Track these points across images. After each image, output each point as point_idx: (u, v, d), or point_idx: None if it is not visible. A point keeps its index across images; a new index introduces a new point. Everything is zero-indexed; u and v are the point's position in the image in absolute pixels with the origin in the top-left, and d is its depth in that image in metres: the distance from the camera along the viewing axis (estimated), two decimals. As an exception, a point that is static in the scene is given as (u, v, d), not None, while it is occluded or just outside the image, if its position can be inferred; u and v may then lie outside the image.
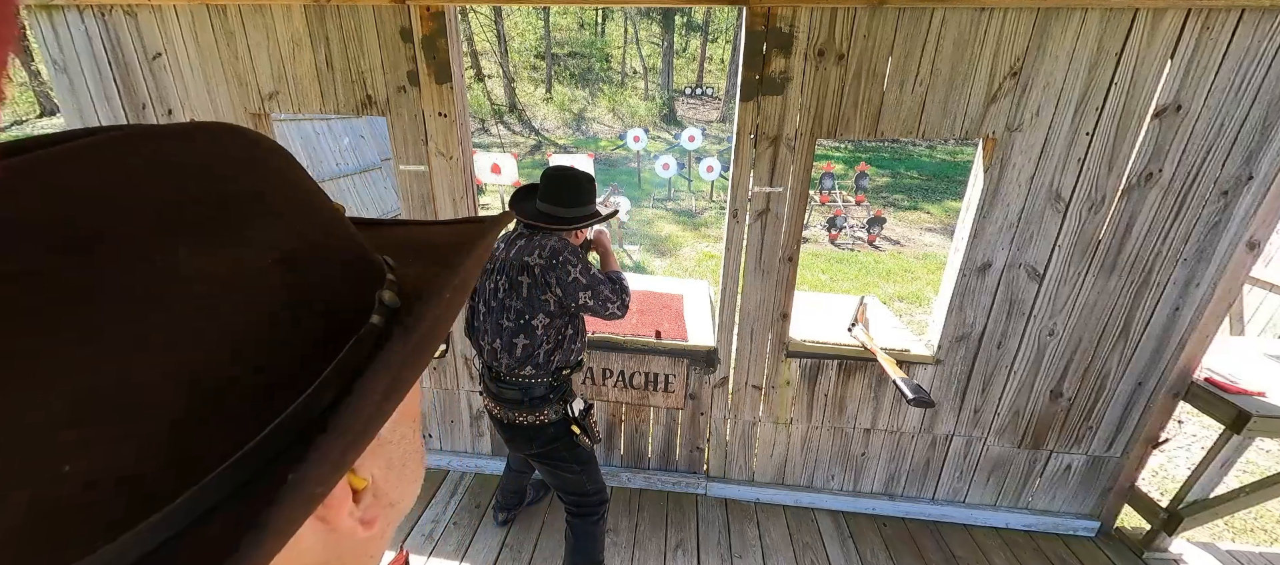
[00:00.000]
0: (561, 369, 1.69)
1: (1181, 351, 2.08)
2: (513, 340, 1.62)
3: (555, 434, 1.72)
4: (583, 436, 1.74)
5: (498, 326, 1.63)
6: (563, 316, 1.64)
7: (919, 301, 6.13)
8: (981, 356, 2.18)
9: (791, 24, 1.77)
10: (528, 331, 1.61)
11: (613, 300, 1.64)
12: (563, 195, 1.67)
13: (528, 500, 2.47)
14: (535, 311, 1.59)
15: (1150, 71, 1.70)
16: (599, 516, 1.88)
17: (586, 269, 1.61)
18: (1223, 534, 2.83)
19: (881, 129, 1.87)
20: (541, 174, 1.71)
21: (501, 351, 1.64)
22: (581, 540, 1.88)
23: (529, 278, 1.58)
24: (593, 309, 1.63)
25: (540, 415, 1.69)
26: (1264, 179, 1.77)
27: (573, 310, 1.65)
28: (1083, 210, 1.90)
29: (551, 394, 1.70)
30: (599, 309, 1.63)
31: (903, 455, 2.45)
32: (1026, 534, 2.48)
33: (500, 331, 1.63)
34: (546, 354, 1.64)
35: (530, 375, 1.65)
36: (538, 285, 1.58)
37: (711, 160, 8.95)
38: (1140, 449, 2.29)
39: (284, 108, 2.07)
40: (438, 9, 1.88)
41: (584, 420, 1.76)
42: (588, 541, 1.88)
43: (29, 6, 2.00)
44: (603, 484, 1.87)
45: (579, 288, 1.59)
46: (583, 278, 1.59)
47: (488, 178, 7.24)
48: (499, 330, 1.63)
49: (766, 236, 2.08)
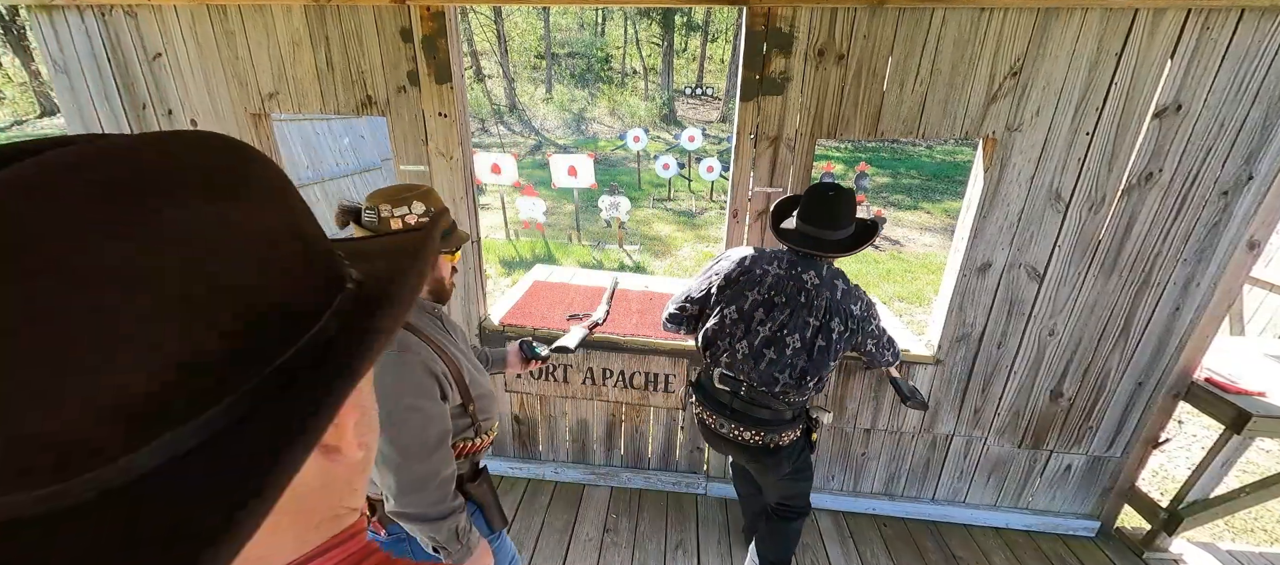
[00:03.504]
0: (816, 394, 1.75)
1: (1181, 351, 2.08)
2: (804, 376, 1.61)
3: (801, 448, 1.79)
4: (814, 440, 1.84)
5: (785, 360, 1.60)
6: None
7: (919, 301, 6.13)
8: (981, 356, 2.18)
9: (791, 24, 1.77)
10: (821, 370, 1.61)
11: (889, 349, 1.75)
12: (834, 216, 1.60)
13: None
14: (837, 354, 1.61)
15: (1150, 71, 1.70)
16: (804, 517, 1.97)
17: (881, 323, 1.68)
18: (1223, 534, 2.83)
19: (881, 129, 1.87)
20: (806, 194, 1.64)
21: (789, 383, 1.62)
22: (788, 538, 1.98)
23: (842, 325, 1.59)
24: (872, 355, 1.71)
25: (793, 431, 1.72)
26: (1264, 179, 1.77)
27: (857, 351, 1.70)
28: (1083, 210, 1.90)
29: (800, 416, 1.75)
30: (878, 357, 1.72)
31: (903, 455, 2.45)
32: (1026, 534, 2.48)
33: (786, 365, 1.60)
34: (818, 386, 1.67)
35: (799, 401, 1.69)
36: (849, 333, 1.60)
37: (711, 160, 8.96)
38: (1140, 449, 2.29)
39: (284, 108, 2.07)
40: (438, 9, 1.88)
41: (816, 423, 1.84)
42: (792, 539, 1.99)
43: (29, 6, 2.00)
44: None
45: (871, 337, 1.66)
46: (877, 331, 1.67)
47: (488, 178, 7.24)
48: (785, 363, 1.60)
49: (767, 236, 2.08)
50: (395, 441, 1.06)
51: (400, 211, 1.09)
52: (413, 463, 1.07)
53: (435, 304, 1.25)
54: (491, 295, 5.60)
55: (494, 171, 7.19)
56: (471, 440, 1.28)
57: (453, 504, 1.13)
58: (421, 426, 1.08)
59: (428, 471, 1.09)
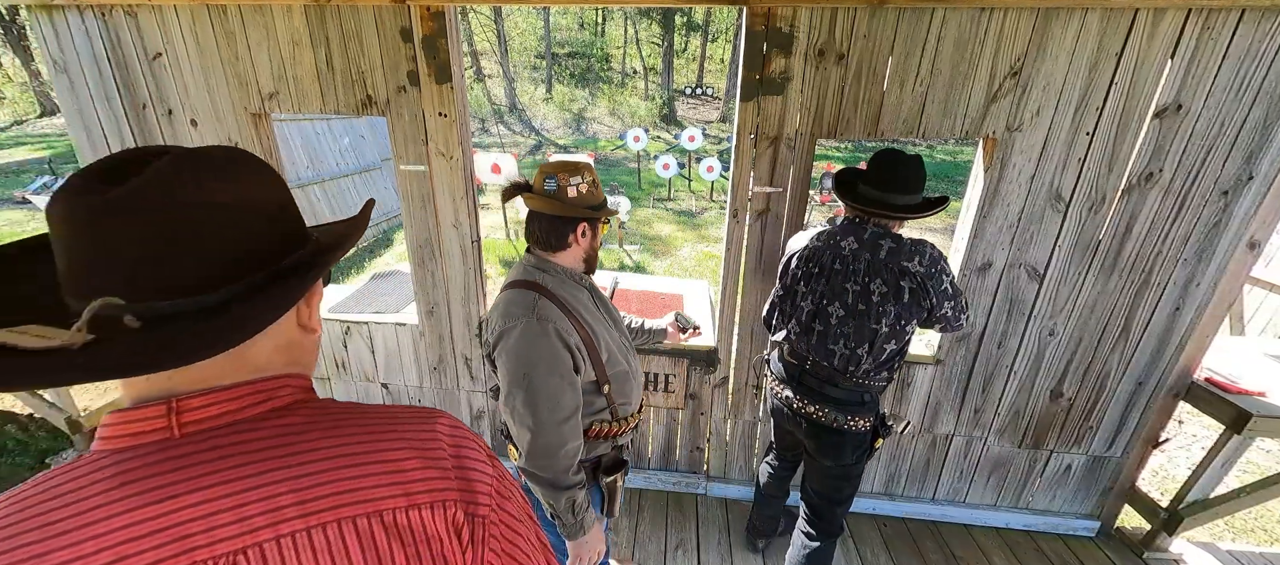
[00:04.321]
0: (892, 377, 1.69)
1: (1181, 351, 2.08)
2: (884, 346, 1.56)
3: (871, 441, 1.72)
4: (878, 446, 1.74)
5: (866, 331, 1.56)
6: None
7: (919, 301, 6.12)
8: (982, 356, 2.18)
9: (791, 24, 1.77)
10: (899, 336, 1.56)
11: (964, 311, 1.61)
12: (904, 180, 1.54)
13: (781, 529, 2.34)
14: (911, 317, 1.55)
15: (1150, 71, 1.70)
16: (834, 540, 1.87)
17: (954, 279, 1.56)
18: (1223, 534, 2.82)
19: (881, 129, 1.87)
20: (874, 157, 1.59)
21: (867, 357, 1.58)
22: (823, 561, 1.87)
23: (912, 284, 1.51)
24: (948, 319, 1.58)
25: (865, 419, 1.66)
26: (1264, 179, 1.77)
27: (933, 320, 1.59)
28: (1083, 210, 1.90)
29: (871, 405, 1.69)
30: (953, 320, 1.59)
31: (903, 455, 2.45)
32: (1026, 534, 2.48)
33: (870, 336, 1.56)
34: (901, 359, 1.62)
35: (884, 380, 1.65)
36: (920, 292, 1.52)
37: (711, 160, 8.96)
38: (1140, 449, 2.29)
39: (284, 108, 2.07)
40: (438, 9, 1.88)
41: (888, 428, 1.74)
42: (826, 561, 1.88)
43: (29, 6, 2.00)
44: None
45: (947, 298, 1.54)
46: (950, 288, 1.54)
47: (488, 177, 7.24)
48: (867, 334, 1.56)
49: (766, 236, 2.08)
50: (532, 407, 1.15)
51: (574, 181, 1.23)
52: (543, 430, 1.15)
53: (584, 274, 1.34)
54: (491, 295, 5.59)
55: (494, 171, 7.19)
56: (608, 424, 1.32)
57: (574, 478, 1.20)
58: (554, 398, 1.16)
59: (556, 441, 1.16)
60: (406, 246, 2.30)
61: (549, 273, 1.26)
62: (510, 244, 7.80)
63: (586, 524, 1.24)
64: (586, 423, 1.28)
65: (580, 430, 1.21)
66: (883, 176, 1.56)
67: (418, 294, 2.38)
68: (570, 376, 1.18)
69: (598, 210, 1.28)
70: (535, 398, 1.14)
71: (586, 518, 1.23)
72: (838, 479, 1.78)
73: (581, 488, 1.22)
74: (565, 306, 1.21)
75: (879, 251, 1.55)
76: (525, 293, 1.21)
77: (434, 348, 2.49)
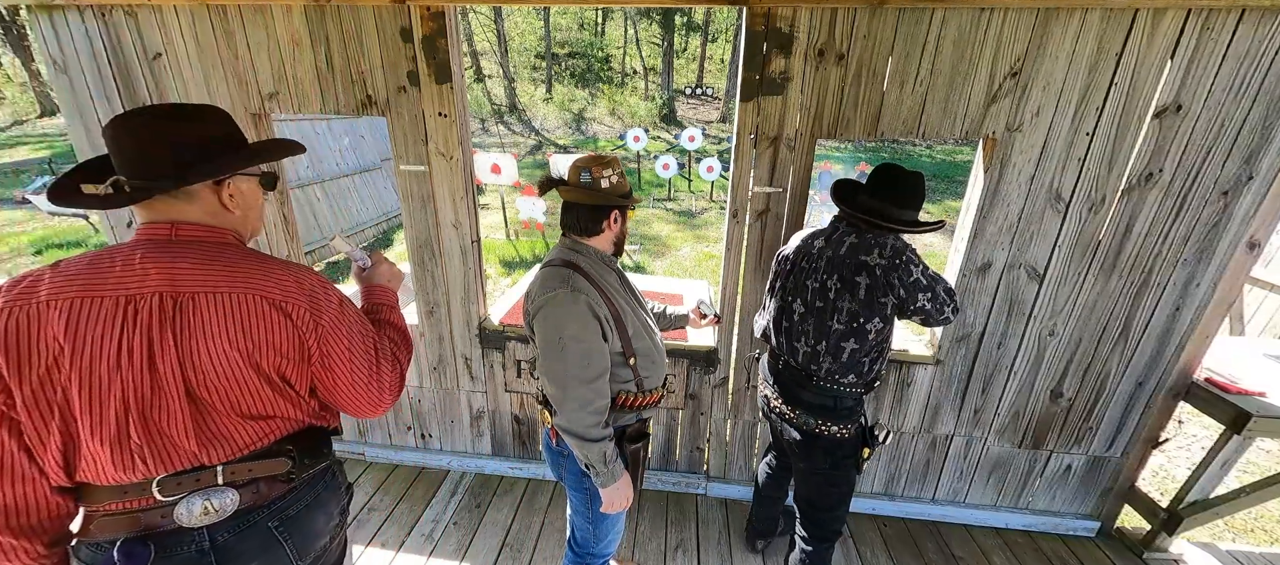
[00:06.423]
0: (874, 381, 1.64)
1: (1181, 352, 2.08)
2: (841, 344, 1.54)
3: (852, 450, 1.67)
4: (864, 457, 1.68)
5: (824, 329, 1.55)
6: (892, 323, 1.55)
7: (919, 301, 6.12)
8: (981, 357, 2.18)
9: (791, 24, 1.77)
10: (859, 336, 1.52)
11: (948, 303, 1.53)
12: (903, 196, 1.51)
13: (780, 530, 2.33)
14: (871, 315, 1.50)
15: (1150, 72, 1.70)
16: (830, 543, 1.84)
17: (926, 269, 1.50)
18: (1223, 534, 2.82)
19: (881, 129, 1.86)
20: (876, 169, 1.57)
21: (825, 355, 1.57)
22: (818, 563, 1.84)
23: (868, 278, 1.48)
24: (929, 313, 1.51)
25: (845, 427, 1.63)
26: (1264, 179, 1.77)
27: (908, 314, 1.53)
28: (1083, 210, 1.90)
29: (858, 406, 1.65)
30: (935, 313, 1.52)
31: (903, 455, 2.45)
32: (1026, 534, 2.48)
33: (826, 334, 1.55)
34: (871, 363, 1.58)
35: (851, 384, 1.59)
36: (878, 287, 1.47)
37: (711, 160, 8.95)
38: (1140, 449, 2.29)
39: (284, 108, 2.07)
40: (438, 9, 1.88)
41: (874, 439, 1.69)
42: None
43: (29, 6, 2.00)
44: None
45: (919, 289, 1.48)
46: (924, 279, 1.48)
47: (488, 178, 7.24)
48: (824, 332, 1.55)
49: (766, 236, 2.08)
50: (564, 365, 1.29)
51: (606, 173, 1.37)
52: (575, 386, 1.29)
53: (613, 256, 1.49)
54: (491, 295, 5.60)
55: (494, 171, 7.18)
56: (634, 395, 1.46)
57: (603, 431, 1.35)
58: (583, 357, 1.29)
59: (588, 395, 1.30)
60: (406, 246, 2.30)
61: (582, 254, 1.41)
62: (510, 244, 7.80)
63: (617, 473, 1.38)
64: (614, 390, 1.41)
65: (608, 391, 1.35)
66: (883, 188, 1.54)
67: (417, 294, 2.38)
68: (598, 343, 1.32)
69: (626, 199, 1.42)
70: (567, 358, 1.28)
71: (616, 467, 1.38)
72: (818, 482, 1.76)
73: (610, 440, 1.36)
74: (595, 283, 1.36)
75: (840, 248, 1.55)
76: (561, 269, 1.36)
77: (434, 348, 2.49)
